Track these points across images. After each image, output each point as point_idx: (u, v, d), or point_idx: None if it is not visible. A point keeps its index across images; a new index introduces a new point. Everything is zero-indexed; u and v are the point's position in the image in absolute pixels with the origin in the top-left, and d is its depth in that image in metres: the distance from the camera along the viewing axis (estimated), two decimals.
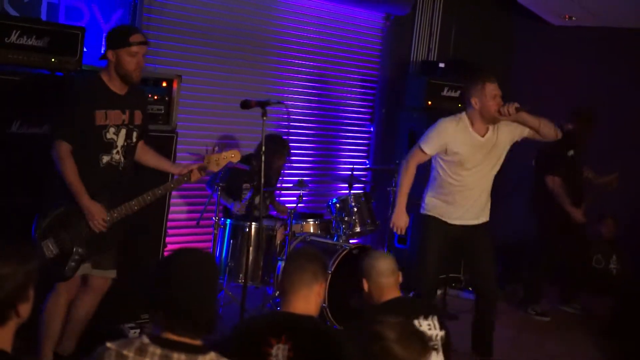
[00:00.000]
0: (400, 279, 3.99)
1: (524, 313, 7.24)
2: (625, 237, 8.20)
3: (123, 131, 4.58)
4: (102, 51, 4.61)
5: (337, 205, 6.61)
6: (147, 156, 4.83)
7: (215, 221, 6.20)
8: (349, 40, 8.24)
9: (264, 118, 5.21)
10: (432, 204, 5.38)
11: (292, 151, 6.85)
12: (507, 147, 5.35)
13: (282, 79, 7.67)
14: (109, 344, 2.45)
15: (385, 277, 3.92)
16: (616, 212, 8.12)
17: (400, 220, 5.34)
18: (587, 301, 7.60)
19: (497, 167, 5.39)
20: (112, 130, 4.52)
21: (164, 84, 5.59)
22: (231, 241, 6.27)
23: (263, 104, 5.25)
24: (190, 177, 4.73)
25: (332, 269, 5.93)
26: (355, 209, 6.60)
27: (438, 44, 8.92)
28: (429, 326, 3.87)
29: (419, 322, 3.84)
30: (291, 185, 6.63)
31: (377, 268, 3.93)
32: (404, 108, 8.16)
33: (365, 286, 3.94)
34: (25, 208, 4.72)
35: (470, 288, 7.42)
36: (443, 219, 5.36)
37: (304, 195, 6.50)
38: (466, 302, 6.96)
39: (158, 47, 6.46)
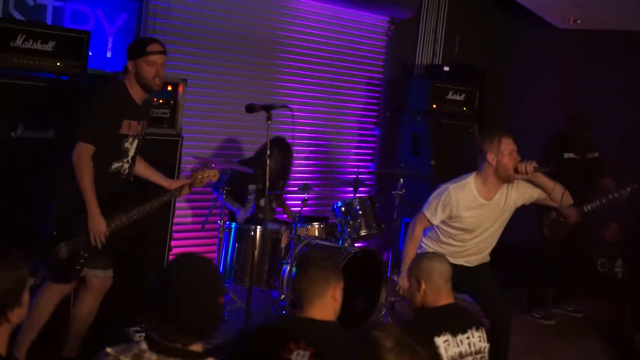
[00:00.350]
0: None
1: (529, 317, 7.22)
2: (632, 240, 8.17)
3: (136, 142, 4.66)
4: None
5: (342, 208, 6.60)
6: (142, 168, 4.88)
7: (220, 225, 6.20)
8: (354, 44, 8.24)
9: (269, 122, 5.21)
10: (432, 249, 5.22)
11: (296, 154, 6.85)
12: (513, 211, 5.19)
13: (287, 82, 7.68)
14: (108, 349, 2.44)
15: (445, 279, 3.91)
16: (622, 215, 8.08)
17: (406, 284, 5.22)
18: (591, 305, 7.59)
19: (502, 229, 5.25)
20: (130, 140, 4.61)
21: (169, 88, 5.61)
22: (236, 245, 6.28)
23: (268, 108, 5.24)
24: (180, 192, 4.84)
25: None
26: (360, 213, 6.59)
27: (442, 47, 8.94)
28: (480, 338, 3.84)
29: (472, 333, 3.81)
30: (296, 188, 6.63)
31: (438, 269, 3.91)
32: (408, 111, 8.16)
33: (422, 286, 3.90)
34: (32, 212, 4.74)
35: None
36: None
37: (309, 198, 6.50)
38: (470, 306, 6.95)
39: None
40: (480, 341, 3.82)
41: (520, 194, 5.11)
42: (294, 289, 3.38)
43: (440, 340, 3.68)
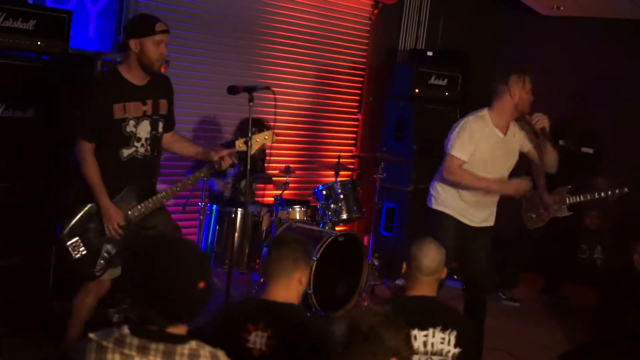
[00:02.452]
0: (444, 275, 3.83)
1: (495, 295, 7.23)
2: (612, 228, 8.20)
3: (145, 123, 4.49)
4: (120, 39, 4.55)
5: (324, 192, 6.61)
6: (179, 145, 4.79)
7: (201, 207, 6.20)
8: (337, 27, 8.22)
9: (251, 104, 5.18)
10: (449, 200, 5.24)
11: (278, 137, 6.83)
12: (517, 156, 5.32)
13: (270, 65, 7.65)
14: (91, 335, 2.43)
15: (424, 274, 3.72)
16: (603, 203, 8.11)
17: (520, 183, 5.24)
18: (571, 291, 7.63)
19: (511, 169, 5.33)
20: (131, 123, 4.42)
21: None
22: (217, 227, 6.28)
23: (250, 90, 5.20)
24: (221, 164, 4.62)
25: (318, 256, 5.94)
26: (342, 196, 6.61)
27: (426, 32, 8.93)
28: (443, 340, 3.59)
29: (433, 332, 3.58)
30: (278, 171, 6.62)
31: (418, 260, 3.72)
32: (391, 96, 8.15)
33: (404, 268, 3.77)
34: (9, 192, 4.71)
35: (454, 276, 7.45)
36: (457, 218, 5.24)
37: (290, 181, 6.50)
38: (447, 290, 6.96)
39: None
40: (442, 343, 3.59)
41: (520, 139, 5.30)
42: (263, 268, 3.37)
43: None
